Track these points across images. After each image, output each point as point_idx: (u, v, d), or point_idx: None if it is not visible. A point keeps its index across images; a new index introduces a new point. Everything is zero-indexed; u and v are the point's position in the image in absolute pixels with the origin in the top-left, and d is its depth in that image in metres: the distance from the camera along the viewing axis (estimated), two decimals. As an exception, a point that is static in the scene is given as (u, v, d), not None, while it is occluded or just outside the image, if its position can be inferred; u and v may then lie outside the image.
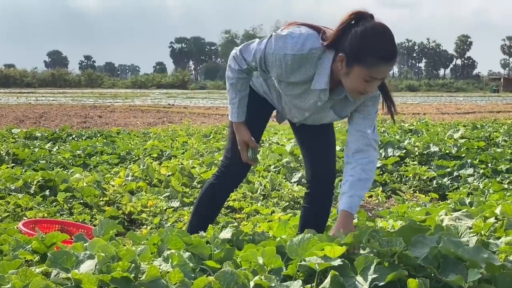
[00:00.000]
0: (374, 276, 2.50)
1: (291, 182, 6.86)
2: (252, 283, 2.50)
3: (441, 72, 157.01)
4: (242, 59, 3.22)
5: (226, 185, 3.65)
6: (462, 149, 8.38)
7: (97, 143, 9.94)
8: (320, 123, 3.41)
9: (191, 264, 2.66)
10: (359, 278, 2.53)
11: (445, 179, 6.99)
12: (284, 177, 7.07)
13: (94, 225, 4.66)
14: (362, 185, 3.17)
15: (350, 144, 3.24)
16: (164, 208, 5.48)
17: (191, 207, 5.53)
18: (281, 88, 3.24)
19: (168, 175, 6.62)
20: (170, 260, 2.66)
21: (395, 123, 3.25)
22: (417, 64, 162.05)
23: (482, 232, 3.32)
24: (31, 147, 9.28)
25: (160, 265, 2.64)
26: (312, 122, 3.40)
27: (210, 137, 11.46)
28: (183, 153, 8.77)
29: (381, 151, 8.22)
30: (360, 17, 2.91)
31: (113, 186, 6.22)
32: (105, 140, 10.62)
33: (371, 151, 3.22)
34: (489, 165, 7.43)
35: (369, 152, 3.20)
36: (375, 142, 3.24)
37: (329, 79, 3.02)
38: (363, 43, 2.85)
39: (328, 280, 2.47)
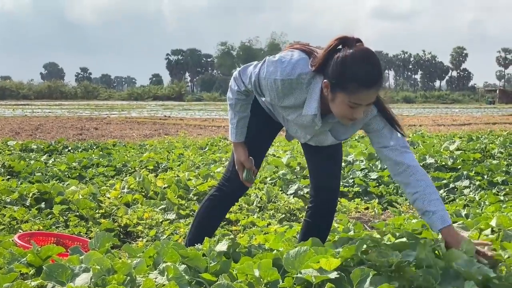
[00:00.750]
0: (370, 288, 2.50)
1: (287, 194, 6.85)
2: (248, 296, 2.49)
3: (437, 83, 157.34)
4: (240, 81, 3.26)
5: (226, 199, 3.65)
6: (458, 161, 8.39)
7: (93, 155, 9.94)
8: (323, 145, 3.39)
9: (187, 277, 2.65)
10: (355, 291, 2.52)
11: (441, 191, 6.99)
12: (280, 189, 7.07)
13: (90, 238, 4.65)
14: (431, 194, 3.06)
15: (386, 162, 3.20)
16: (160, 220, 5.47)
17: (187, 219, 5.53)
18: (279, 111, 3.26)
19: (164, 187, 6.61)
20: (165, 273, 2.65)
21: (404, 135, 3.21)
22: (413, 75, 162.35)
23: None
24: (27, 159, 9.27)
25: (155, 278, 2.64)
26: (315, 143, 3.40)
27: (206, 149, 11.46)
28: (179, 165, 8.76)
29: (377, 163, 8.23)
30: (345, 42, 2.89)
31: (109, 198, 6.20)
32: (101, 152, 10.61)
33: (407, 156, 3.13)
34: (485, 176, 7.43)
35: (405, 161, 3.11)
36: (404, 147, 3.15)
37: (319, 104, 3.01)
38: (343, 69, 2.83)
39: (324, 292, 2.46)
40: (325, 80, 2.92)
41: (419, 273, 2.62)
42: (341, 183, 7.39)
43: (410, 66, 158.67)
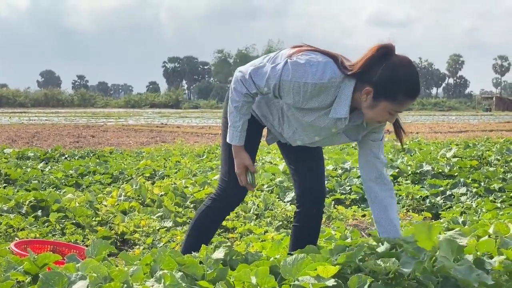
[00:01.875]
0: (368, 296, 2.49)
1: (284, 202, 6.85)
2: (245, 304, 2.49)
3: (434, 91, 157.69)
4: (251, 83, 3.16)
5: (223, 209, 3.64)
6: (455, 168, 8.39)
7: (90, 163, 9.92)
8: (327, 145, 3.52)
9: (183, 284, 2.65)
10: (352, 298, 2.52)
11: (438, 198, 6.99)
12: (277, 196, 7.07)
13: (87, 246, 4.64)
14: (395, 211, 3.41)
15: (367, 169, 3.39)
16: (157, 228, 5.47)
17: (184, 227, 5.52)
18: (293, 113, 3.24)
19: (161, 195, 6.60)
20: (162, 281, 2.64)
21: (403, 146, 3.41)
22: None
23: (478, 253, 3.32)
24: (24, 167, 9.25)
25: (152, 286, 2.63)
26: (318, 145, 3.44)
27: (203, 157, 11.45)
28: (176, 172, 8.76)
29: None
30: (388, 51, 2.98)
31: (105, 206, 6.20)
32: (97, 160, 10.60)
33: (386, 173, 3.42)
34: (482, 184, 7.44)
35: (386, 176, 3.40)
36: (386, 164, 3.44)
37: (349, 108, 3.05)
38: (394, 79, 2.93)
39: (321, 300, 2.46)
40: (367, 87, 2.98)
41: (416, 281, 2.62)
42: (338, 190, 7.44)
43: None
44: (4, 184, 7.64)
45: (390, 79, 2.92)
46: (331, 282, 2.55)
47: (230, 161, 3.46)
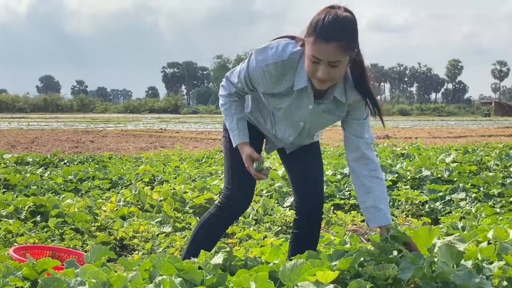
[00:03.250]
0: (367, 301, 2.49)
1: (283, 207, 6.85)
2: (244, 309, 2.48)
3: (433, 96, 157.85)
4: (229, 84, 3.30)
5: (227, 217, 3.62)
6: (454, 173, 8.39)
7: (89, 168, 9.92)
8: (317, 131, 3.46)
9: (183, 290, 2.64)
10: (352, 304, 2.51)
11: (438, 203, 6.99)
12: (276, 201, 7.07)
13: (86, 251, 4.64)
14: (383, 193, 3.26)
15: (350, 149, 3.31)
16: (156, 233, 5.46)
17: (183, 232, 5.52)
18: (271, 104, 3.27)
19: (160, 200, 6.60)
20: (161, 286, 2.64)
21: (384, 125, 3.29)
22: (409, 88, 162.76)
23: (479, 257, 3.32)
24: (23, 172, 9.26)
25: (151, 291, 2.62)
26: (307, 133, 3.41)
27: (203, 162, 11.45)
28: (175, 178, 8.76)
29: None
30: (330, 9, 2.92)
31: (104, 211, 6.19)
32: (97, 165, 10.60)
33: (371, 153, 3.30)
34: (481, 189, 7.44)
35: (370, 156, 3.28)
36: (372, 143, 3.33)
37: (307, 77, 3.04)
38: (311, 22, 2.89)
39: (321, 305, 2.45)
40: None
41: (416, 286, 2.61)
42: (337, 196, 7.44)
43: (406, 79, 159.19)
44: (3, 190, 7.64)
45: (310, 22, 2.91)
46: (330, 287, 2.54)
47: (232, 170, 3.48)
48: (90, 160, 11.97)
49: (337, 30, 2.83)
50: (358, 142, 3.26)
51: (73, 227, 5.56)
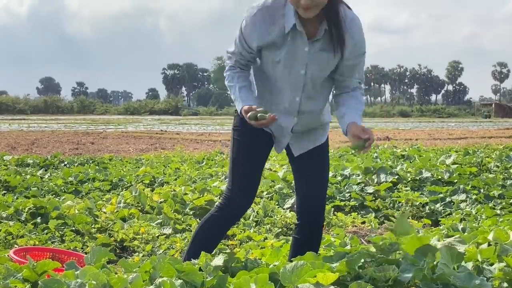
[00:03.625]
0: (368, 303, 2.49)
1: (283, 209, 6.85)
2: (244, 311, 2.48)
3: (433, 97, 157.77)
4: (229, 56, 3.37)
5: (228, 218, 3.61)
6: (454, 175, 8.39)
7: (89, 170, 9.92)
8: (322, 78, 3.34)
9: (183, 292, 2.64)
10: (352, 305, 2.51)
11: (438, 205, 6.99)
12: (276, 203, 7.06)
13: (86, 253, 4.64)
14: (358, 110, 3.30)
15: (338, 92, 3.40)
16: (156, 235, 5.46)
17: (184, 234, 5.52)
18: (269, 63, 3.26)
19: (161, 202, 6.60)
20: (162, 288, 2.64)
21: (343, 56, 3.24)
22: (409, 89, 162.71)
23: (479, 258, 3.32)
24: (23, 174, 9.26)
25: (152, 293, 2.62)
26: (312, 90, 3.35)
27: (203, 163, 11.45)
28: (175, 179, 8.76)
29: (373, 177, 8.23)
30: None
31: (105, 213, 6.19)
32: (97, 167, 10.60)
33: (358, 93, 3.36)
34: (482, 190, 7.44)
35: (355, 93, 3.35)
36: (358, 87, 3.37)
37: (296, 15, 3.08)
38: None
39: (321, 307, 2.45)
40: None
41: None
42: (337, 197, 7.44)
43: (406, 80, 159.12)
44: (4, 191, 7.64)
45: None
46: (331, 289, 2.54)
47: (233, 170, 3.47)
48: (91, 161, 11.98)
49: None
50: (345, 81, 3.33)
51: (73, 228, 5.56)
